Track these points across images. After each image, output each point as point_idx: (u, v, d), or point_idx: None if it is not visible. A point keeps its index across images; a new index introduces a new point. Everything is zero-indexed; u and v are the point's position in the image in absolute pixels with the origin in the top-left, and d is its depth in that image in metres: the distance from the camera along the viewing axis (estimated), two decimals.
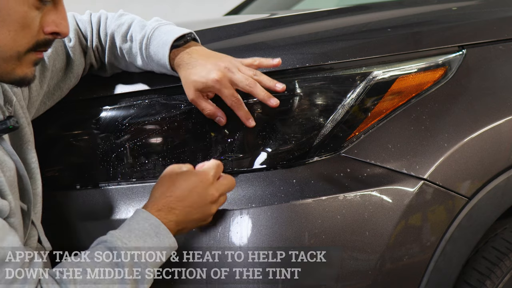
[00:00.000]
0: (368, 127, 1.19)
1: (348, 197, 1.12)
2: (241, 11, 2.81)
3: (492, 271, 1.25)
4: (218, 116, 1.17)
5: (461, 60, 1.28)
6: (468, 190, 1.20)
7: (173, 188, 1.05)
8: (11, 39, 0.95)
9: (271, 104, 1.14)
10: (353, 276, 1.11)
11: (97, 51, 1.27)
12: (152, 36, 1.21)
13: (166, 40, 1.19)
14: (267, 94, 1.15)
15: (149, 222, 1.01)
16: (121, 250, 0.96)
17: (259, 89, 1.15)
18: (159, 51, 1.19)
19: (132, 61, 1.25)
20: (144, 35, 1.22)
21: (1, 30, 0.93)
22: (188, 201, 1.05)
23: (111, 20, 1.27)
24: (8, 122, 0.99)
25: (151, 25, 1.23)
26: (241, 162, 1.17)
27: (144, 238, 0.99)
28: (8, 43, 0.95)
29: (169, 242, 1.02)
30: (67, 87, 1.24)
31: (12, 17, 0.94)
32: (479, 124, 1.24)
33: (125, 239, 0.98)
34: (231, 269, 1.09)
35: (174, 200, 1.04)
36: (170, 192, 1.05)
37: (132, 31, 1.24)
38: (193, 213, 1.06)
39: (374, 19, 1.47)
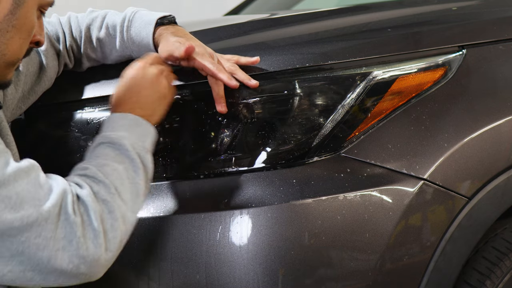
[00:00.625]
0: (368, 127, 1.19)
1: (348, 197, 1.12)
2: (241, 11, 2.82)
3: (492, 271, 1.25)
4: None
5: (461, 60, 1.28)
6: (468, 190, 1.20)
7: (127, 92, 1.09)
8: (19, 46, 1.00)
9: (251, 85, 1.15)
10: (353, 276, 1.11)
11: (71, 50, 1.30)
12: (133, 19, 1.25)
13: (149, 19, 1.22)
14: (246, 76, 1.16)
15: (128, 118, 1.06)
16: (121, 140, 1.02)
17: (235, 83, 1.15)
18: (141, 31, 1.23)
19: (111, 47, 1.28)
20: (125, 18, 1.26)
21: (15, 37, 0.99)
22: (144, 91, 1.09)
23: (83, 17, 1.31)
24: None
25: (130, 10, 1.27)
26: (241, 162, 1.17)
27: (130, 130, 1.05)
28: (16, 49, 1.00)
29: (151, 129, 1.08)
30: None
31: (26, 26, 1.00)
32: (479, 124, 1.24)
33: (116, 134, 1.03)
34: (231, 269, 1.09)
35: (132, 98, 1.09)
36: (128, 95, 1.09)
37: (108, 20, 1.28)
38: (152, 97, 1.10)
39: (374, 19, 1.47)
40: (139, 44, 1.24)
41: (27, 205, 0.87)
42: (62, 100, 1.31)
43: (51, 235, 0.88)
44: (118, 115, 1.07)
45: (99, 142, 1.04)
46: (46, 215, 0.88)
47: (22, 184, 0.88)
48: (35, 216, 0.87)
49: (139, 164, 1.02)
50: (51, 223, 0.88)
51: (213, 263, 1.09)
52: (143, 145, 1.05)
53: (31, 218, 0.87)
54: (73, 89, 1.31)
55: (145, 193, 1.04)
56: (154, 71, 1.11)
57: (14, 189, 0.87)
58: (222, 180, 1.17)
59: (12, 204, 0.86)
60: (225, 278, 1.09)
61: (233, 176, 1.16)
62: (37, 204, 0.88)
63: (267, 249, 1.08)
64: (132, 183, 1.00)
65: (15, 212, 0.86)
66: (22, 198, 0.87)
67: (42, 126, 1.31)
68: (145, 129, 1.07)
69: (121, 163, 1.00)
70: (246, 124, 1.18)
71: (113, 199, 0.95)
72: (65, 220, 0.89)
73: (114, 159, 1.00)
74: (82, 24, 1.29)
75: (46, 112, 1.31)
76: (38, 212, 0.87)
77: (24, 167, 0.90)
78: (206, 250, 1.10)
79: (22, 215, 0.86)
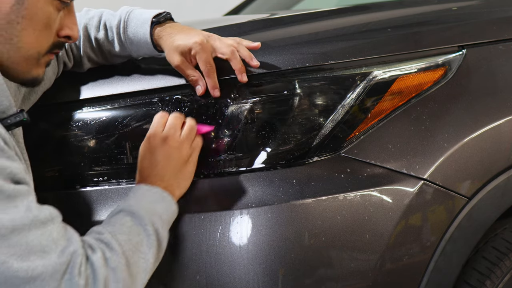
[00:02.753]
0: (368, 127, 1.19)
1: (348, 197, 1.12)
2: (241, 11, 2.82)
3: (492, 271, 1.25)
4: (199, 85, 1.19)
5: (461, 60, 1.28)
6: (468, 190, 1.20)
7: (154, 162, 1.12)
8: (35, 39, 0.99)
9: (241, 79, 1.17)
10: (353, 276, 1.11)
11: (70, 50, 1.30)
12: (129, 19, 1.25)
13: (145, 18, 1.23)
14: (243, 67, 1.17)
15: (153, 191, 1.08)
16: (142, 214, 1.02)
17: (237, 59, 1.17)
18: (138, 31, 1.23)
19: (109, 49, 1.28)
20: (120, 19, 1.26)
21: (28, 28, 0.97)
22: (170, 168, 1.11)
23: (79, 17, 1.30)
24: (21, 115, 1.01)
25: (124, 10, 1.27)
26: (241, 162, 1.17)
27: (154, 204, 1.06)
28: (32, 41, 0.99)
29: (173, 206, 1.09)
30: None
31: (39, 16, 0.98)
32: (479, 124, 1.24)
33: (138, 206, 1.03)
34: (231, 269, 1.09)
35: (159, 171, 1.11)
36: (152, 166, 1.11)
37: (104, 20, 1.28)
38: (178, 174, 1.12)
39: (374, 19, 1.47)
40: (138, 43, 1.24)
41: (34, 256, 0.86)
42: (62, 100, 1.31)
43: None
44: (144, 187, 1.08)
45: (119, 209, 1.04)
46: (51, 271, 0.86)
47: (36, 234, 0.87)
48: (40, 270, 0.86)
49: (154, 241, 1.02)
50: (54, 280, 0.87)
51: (213, 263, 1.09)
52: (163, 222, 1.05)
53: (36, 271, 0.85)
54: (73, 89, 1.31)
55: (152, 271, 1.02)
56: (164, 140, 1.12)
57: (26, 238, 0.86)
58: (222, 180, 1.17)
59: (20, 252, 0.85)
60: (225, 278, 1.09)
61: (233, 176, 1.16)
62: (45, 258, 0.87)
63: (267, 249, 1.08)
64: (143, 258, 0.99)
65: (22, 262, 0.85)
66: (31, 248, 0.86)
67: (42, 127, 1.31)
68: (168, 206, 1.08)
69: (137, 236, 1.00)
70: (246, 124, 1.18)
71: (121, 269, 0.94)
72: (68, 279, 0.88)
73: (131, 230, 1.00)
74: (80, 24, 1.29)
75: (46, 112, 1.31)
76: (44, 266, 0.86)
77: (42, 218, 0.89)
78: (206, 250, 1.10)
79: (28, 266, 0.85)
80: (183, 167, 1.13)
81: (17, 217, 0.86)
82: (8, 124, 0.99)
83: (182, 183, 1.13)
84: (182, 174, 1.13)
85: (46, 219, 0.89)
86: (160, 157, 1.11)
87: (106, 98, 1.27)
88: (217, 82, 1.18)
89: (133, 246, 0.98)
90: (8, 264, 0.84)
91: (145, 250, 1.00)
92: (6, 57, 0.98)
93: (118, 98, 1.26)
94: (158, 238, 1.02)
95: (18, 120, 1.01)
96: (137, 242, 0.99)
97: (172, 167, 1.11)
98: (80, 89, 1.30)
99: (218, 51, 1.18)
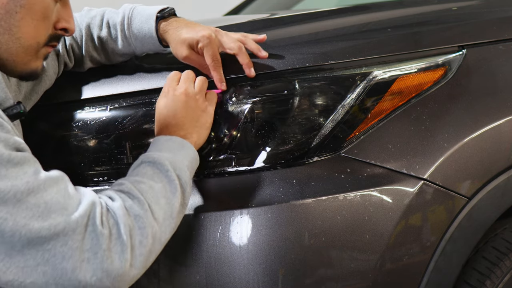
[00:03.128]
0: (368, 127, 1.19)
1: (348, 197, 1.12)
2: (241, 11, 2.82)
3: (492, 271, 1.25)
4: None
5: (461, 60, 1.28)
6: (468, 190, 1.20)
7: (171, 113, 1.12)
8: (34, 29, 0.99)
9: (249, 74, 1.18)
10: (353, 276, 1.11)
11: (71, 49, 1.30)
12: (132, 15, 1.25)
13: (149, 13, 1.23)
14: (250, 62, 1.18)
15: (172, 140, 1.08)
16: (162, 161, 1.03)
17: (244, 54, 1.18)
18: (143, 27, 1.23)
19: (113, 47, 1.28)
20: (124, 16, 1.26)
21: (26, 18, 0.97)
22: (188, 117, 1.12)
23: (81, 16, 1.31)
24: (18, 107, 1.01)
25: (127, 7, 1.28)
26: (241, 162, 1.17)
27: (174, 152, 1.06)
28: (31, 32, 0.99)
29: (194, 153, 1.10)
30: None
31: (37, 6, 0.98)
32: (479, 124, 1.24)
33: (159, 154, 1.04)
34: (231, 269, 1.09)
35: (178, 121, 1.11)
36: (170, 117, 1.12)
37: (107, 18, 1.28)
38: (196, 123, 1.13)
39: (374, 19, 1.47)
40: (143, 39, 1.25)
41: (55, 214, 0.87)
42: (62, 100, 1.31)
43: (77, 245, 0.87)
44: (164, 137, 1.09)
45: (140, 161, 1.04)
46: (73, 225, 0.87)
47: (52, 193, 0.88)
48: (63, 225, 0.86)
49: (178, 186, 1.02)
50: (78, 234, 0.87)
51: (213, 263, 1.09)
52: (185, 168, 1.05)
53: (58, 227, 0.86)
54: (73, 89, 1.31)
55: (180, 216, 1.03)
56: (179, 92, 1.13)
57: (43, 198, 0.87)
58: (222, 180, 1.17)
59: (40, 212, 0.86)
60: (225, 278, 1.09)
61: (233, 176, 1.16)
62: (65, 213, 0.87)
63: (267, 249, 1.08)
64: (167, 204, 0.99)
65: (43, 221, 0.85)
66: (50, 207, 0.87)
67: (43, 126, 1.31)
68: (189, 152, 1.09)
69: (159, 182, 1.00)
70: (246, 124, 1.18)
71: (145, 215, 0.94)
72: (92, 231, 0.89)
73: (152, 178, 1.00)
74: (82, 24, 1.29)
75: (46, 112, 1.31)
76: (65, 221, 0.87)
77: (53, 177, 0.90)
78: (206, 250, 1.10)
79: (50, 224, 0.86)
80: (200, 116, 1.14)
81: (30, 180, 0.86)
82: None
83: (201, 132, 1.13)
84: (200, 123, 1.13)
85: (57, 178, 0.91)
86: (177, 107, 1.12)
87: (106, 98, 1.27)
88: (223, 76, 1.19)
89: (156, 193, 0.98)
90: (30, 226, 0.84)
91: (169, 196, 1.00)
92: (5, 48, 0.98)
93: (118, 98, 1.26)
94: (181, 184, 1.03)
95: (16, 112, 1.01)
96: (159, 189, 0.99)
97: (190, 116, 1.12)
98: (80, 89, 1.30)
99: (226, 46, 1.19)
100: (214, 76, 1.18)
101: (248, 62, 1.18)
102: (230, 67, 1.20)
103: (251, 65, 1.18)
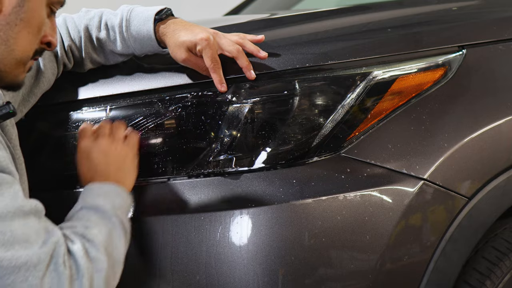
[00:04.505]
0: (368, 127, 1.19)
1: (348, 197, 1.12)
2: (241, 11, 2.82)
3: (492, 271, 1.25)
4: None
5: (461, 60, 1.28)
6: (468, 190, 1.20)
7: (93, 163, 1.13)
8: (27, 42, 1.00)
9: (249, 76, 1.18)
10: (353, 276, 1.11)
11: (70, 50, 1.30)
12: (131, 17, 1.25)
13: (147, 16, 1.23)
14: (249, 64, 1.18)
15: (106, 186, 1.09)
16: (100, 206, 1.03)
17: (244, 57, 1.19)
18: (142, 29, 1.23)
19: (112, 48, 1.28)
20: (122, 18, 1.26)
21: (23, 31, 0.98)
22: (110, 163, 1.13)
23: (79, 17, 1.31)
24: (7, 107, 1.01)
25: (125, 9, 1.28)
26: (241, 162, 1.17)
27: (111, 197, 1.07)
28: (25, 45, 1.00)
29: (128, 196, 1.11)
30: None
31: (35, 20, 0.99)
32: (479, 124, 1.24)
33: (97, 201, 1.05)
34: (231, 269, 1.09)
35: (102, 170, 1.12)
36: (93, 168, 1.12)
37: (105, 20, 1.28)
38: (120, 168, 1.13)
39: (374, 19, 1.47)
40: (141, 41, 1.25)
41: (18, 246, 0.86)
42: (62, 100, 1.31)
43: (36, 282, 0.86)
44: (96, 185, 1.09)
45: (79, 208, 1.05)
46: (35, 261, 0.86)
47: (20, 224, 0.87)
48: (25, 259, 0.86)
49: (122, 231, 1.04)
50: (39, 270, 0.87)
51: (213, 263, 1.09)
52: (124, 213, 1.07)
53: (20, 261, 0.85)
54: (73, 89, 1.31)
55: (123, 261, 1.03)
56: (92, 142, 1.14)
57: (10, 227, 0.86)
58: (222, 180, 1.17)
59: (4, 241, 0.85)
60: (225, 278, 1.09)
61: (233, 176, 1.16)
62: (28, 248, 0.87)
63: (267, 249, 1.08)
64: (116, 248, 1.01)
65: (6, 251, 0.85)
66: (15, 237, 0.86)
67: (42, 127, 1.31)
68: (124, 196, 1.09)
69: (105, 227, 1.01)
70: (246, 124, 1.18)
71: (101, 259, 0.95)
72: (54, 270, 0.88)
73: (98, 223, 1.01)
74: (80, 25, 1.29)
75: (46, 112, 1.31)
76: (28, 256, 0.86)
77: (27, 209, 0.90)
78: (206, 250, 1.10)
79: (12, 255, 0.85)
80: (123, 162, 1.14)
81: (2, 205, 0.86)
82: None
83: (127, 176, 1.14)
84: (125, 168, 1.14)
85: (30, 210, 0.90)
86: (97, 157, 1.13)
87: (106, 98, 1.27)
88: (223, 77, 1.19)
89: (106, 237, 0.99)
90: None
91: (116, 240, 1.01)
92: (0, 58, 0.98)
93: (118, 98, 1.26)
94: (124, 228, 1.04)
95: (5, 112, 1.00)
96: (107, 233, 1.00)
97: (112, 163, 1.13)
98: (80, 89, 1.30)
99: (225, 49, 1.19)
100: (214, 78, 1.18)
101: (247, 65, 1.18)
102: (229, 67, 1.20)
103: (250, 67, 1.18)
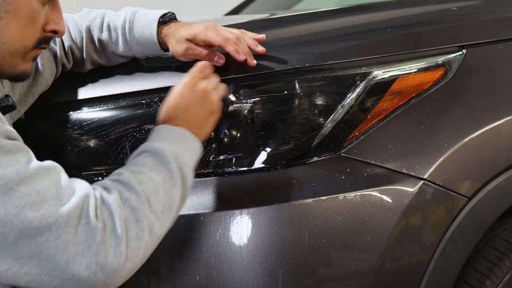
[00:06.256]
0: (368, 127, 1.19)
1: (348, 197, 1.12)
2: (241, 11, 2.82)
3: (492, 271, 1.25)
4: (216, 56, 1.20)
5: (461, 60, 1.28)
6: (468, 190, 1.20)
7: (185, 105, 1.09)
8: (20, 33, 0.98)
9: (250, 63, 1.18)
10: (353, 276, 1.11)
11: (70, 51, 1.29)
12: (134, 19, 1.25)
13: (151, 18, 1.24)
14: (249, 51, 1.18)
15: (175, 131, 1.05)
16: (164, 151, 0.99)
17: (243, 44, 1.19)
18: (145, 31, 1.24)
19: (113, 49, 1.28)
20: (125, 20, 1.26)
21: (11, 23, 0.96)
22: (199, 115, 1.09)
23: (81, 18, 1.30)
24: (6, 100, 1.00)
25: (129, 10, 1.28)
26: (241, 162, 1.17)
27: (177, 143, 1.03)
28: (17, 36, 0.98)
29: (198, 146, 1.07)
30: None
31: (23, 11, 0.97)
32: (479, 124, 1.24)
33: (160, 144, 1.01)
34: (231, 269, 1.09)
35: (188, 116, 1.07)
36: (181, 109, 1.08)
37: (108, 21, 1.28)
38: (203, 124, 1.10)
39: (374, 19, 1.47)
40: (144, 43, 1.25)
41: (47, 204, 0.85)
42: (61, 100, 1.31)
43: (70, 238, 0.85)
44: (166, 127, 1.06)
45: (141, 150, 1.01)
46: (66, 217, 0.85)
47: (43, 182, 0.86)
48: (55, 217, 0.85)
49: (178, 178, 0.99)
50: (71, 226, 0.85)
51: (213, 263, 1.09)
52: (187, 160, 1.02)
53: (50, 219, 0.84)
54: (72, 89, 1.31)
55: (179, 209, 1.01)
56: (202, 87, 1.10)
57: (34, 188, 0.85)
58: (222, 180, 1.17)
59: (32, 202, 0.84)
60: (225, 278, 1.09)
61: (233, 176, 1.16)
62: (57, 204, 0.85)
63: (267, 249, 1.08)
64: (166, 196, 0.97)
65: (35, 211, 0.84)
66: (42, 196, 0.85)
67: (42, 127, 1.31)
68: (192, 144, 1.05)
69: (159, 174, 0.97)
70: (246, 124, 1.18)
71: (142, 208, 0.92)
72: (86, 224, 0.86)
73: (153, 169, 0.97)
74: (82, 26, 1.29)
75: (46, 112, 1.31)
76: (58, 213, 0.85)
77: (46, 167, 0.88)
78: (206, 250, 1.10)
79: (41, 215, 0.84)
80: (209, 117, 1.11)
81: (22, 169, 0.85)
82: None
83: (203, 132, 1.11)
84: (206, 125, 1.11)
85: (50, 168, 0.89)
86: (194, 103, 1.09)
87: (106, 98, 1.27)
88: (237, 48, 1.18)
89: (156, 185, 0.95)
90: (21, 216, 0.83)
91: (168, 188, 0.97)
92: None
93: (118, 98, 1.26)
94: (182, 176, 1.00)
95: (4, 105, 1.00)
96: (159, 180, 0.96)
97: (200, 116, 1.09)
98: (80, 89, 1.30)
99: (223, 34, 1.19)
100: (229, 50, 1.17)
101: (247, 51, 1.18)
102: (230, 67, 1.20)
103: (250, 53, 1.18)
